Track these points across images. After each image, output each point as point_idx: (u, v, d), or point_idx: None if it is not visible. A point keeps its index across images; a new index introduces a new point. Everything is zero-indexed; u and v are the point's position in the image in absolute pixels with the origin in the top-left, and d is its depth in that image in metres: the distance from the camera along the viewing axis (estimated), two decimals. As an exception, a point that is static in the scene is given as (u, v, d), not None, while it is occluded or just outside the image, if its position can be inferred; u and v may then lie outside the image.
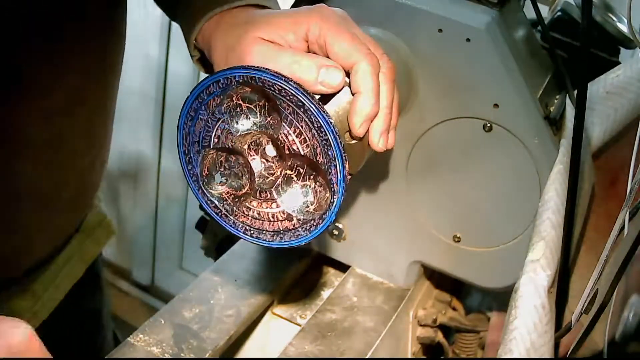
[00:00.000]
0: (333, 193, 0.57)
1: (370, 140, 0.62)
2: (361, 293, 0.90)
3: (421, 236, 0.85)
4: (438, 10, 0.73)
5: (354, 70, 0.60)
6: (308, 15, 0.62)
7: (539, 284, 0.66)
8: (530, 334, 0.65)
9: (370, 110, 0.60)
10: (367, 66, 0.59)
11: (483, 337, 0.92)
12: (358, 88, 0.59)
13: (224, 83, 0.57)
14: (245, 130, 0.59)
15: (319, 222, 0.58)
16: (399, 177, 0.83)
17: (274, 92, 0.56)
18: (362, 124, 0.60)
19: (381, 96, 0.61)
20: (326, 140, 0.55)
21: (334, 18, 0.61)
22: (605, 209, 0.87)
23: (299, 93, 0.55)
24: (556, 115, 0.77)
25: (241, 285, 0.87)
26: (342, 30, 0.61)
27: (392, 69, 0.63)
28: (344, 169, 0.56)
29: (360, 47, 0.60)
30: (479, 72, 0.74)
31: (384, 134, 0.62)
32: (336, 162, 0.56)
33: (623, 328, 0.62)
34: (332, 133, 0.55)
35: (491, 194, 0.80)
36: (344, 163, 0.56)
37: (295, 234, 0.59)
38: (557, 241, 0.69)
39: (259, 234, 0.61)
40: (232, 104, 0.58)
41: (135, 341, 0.76)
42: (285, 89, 0.55)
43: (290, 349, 0.80)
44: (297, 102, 0.55)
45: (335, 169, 0.56)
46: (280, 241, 0.60)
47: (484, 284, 0.85)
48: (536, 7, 0.80)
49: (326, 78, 0.59)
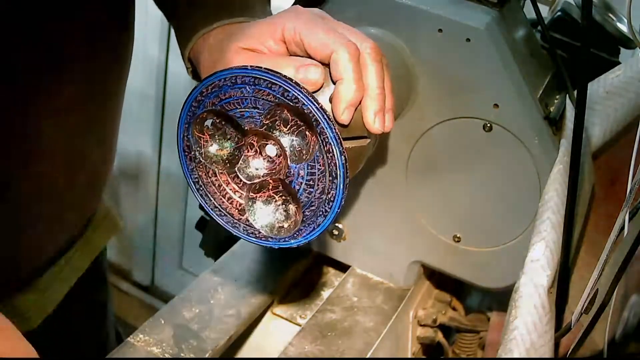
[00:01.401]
0: (333, 194, 0.57)
1: (365, 121, 0.61)
2: (361, 293, 0.90)
3: (421, 236, 0.85)
4: (438, 10, 0.73)
5: (332, 60, 0.59)
6: (282, 16, 0.62)
7: (539, 284, 0.66)
8: (530, 334, 0.65)
9: (352, 96, 0.59)
10: (344, 54, 0.58)
11: (483, 337, 0.92)
12: (339, 76, 0.59)
13: (224, 83, 0.57)
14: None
15: (318, 223, 0.58)
16: (399, 177, 0.83)
17: (276, 93, 0.56)
18: (345, 110, 0.59)
19: (370, 77, 0.60)
20: (325, 139, 0.55)
21: (307, 15, 0.62)
22: (605, 209, 0.87)
23: (296, 90, 0.55)
24: (556, 115, 0.77)
25: (241, 285, 0.87)
26: (316, 24, 0.61)
27: (376, 49, 0.61)
28: (344, 168, 0.56)
29: (335, 37, 0.59)
30: (479, 72, 0.74)
31: (379, 114, 0.61)
32: (336, 162, 0.56)
33: (623, 328, 0.62)
34: (332, 134, 0.55)
35: (491, 194, 0.80)
36: (344, 163, 0.56)
37: (295, 234, 0.59)
38: (557, 241, 0.69)
39: (258, 234, 0.61)
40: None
41: (135, 341, 0.76)
42: (286, 88, 0.55)
43: (290, 349, 0.80)
44: (293, 99, 0.55)
45: (335, 167, 0.56)
46: (280, 241, 0.60)
47: (484, 284, 0.85)
48: (536, 7, 0.80)
49: (305, 75, 0.58)
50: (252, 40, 0.63)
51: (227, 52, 0.64)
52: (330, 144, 0.56)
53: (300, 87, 0.55)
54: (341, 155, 0.56)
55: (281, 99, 0.56)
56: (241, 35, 0.64)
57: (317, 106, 0.55)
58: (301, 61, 0.60)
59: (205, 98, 0.58)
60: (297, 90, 0.55)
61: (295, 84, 0.55)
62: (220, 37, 0.69)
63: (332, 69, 0.59)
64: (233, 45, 0.64)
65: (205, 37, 0.71)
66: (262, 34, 0.62)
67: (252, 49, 0.63)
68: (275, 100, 0.56)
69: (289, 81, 0.55)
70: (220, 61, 0.65)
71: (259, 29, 0.63)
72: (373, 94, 0.60)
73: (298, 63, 0.59)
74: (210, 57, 0.68)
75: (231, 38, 0.65)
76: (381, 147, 0.82)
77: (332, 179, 0.57)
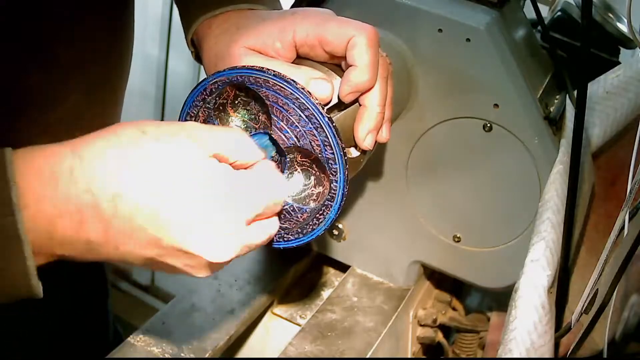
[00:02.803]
0: (333, 194, 0.57)
1: (356, 136, 0.61)
2: (361, 293, 0.90)
3: (421, 236, 0.85)
4: (438, 10, 0.73)
5: (350, 44, 0.58)
6: (290, 20, 0.61)
7: (539, 284, 0.66)
8: (530, 334, 0.65)
9: (362, 84, 0.59)
10: (363, 38, 0.58)
11: (483, 337, 0.92)
12: (353, 62, 0.58)
13: (223, 83, 0.57)
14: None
15: (318, 223, 0.58)
16: (399, 177, 0.83)
17: (275, 93, 0.56)
18: (349, 93, 0.59)
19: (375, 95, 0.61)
20: (326, 139, 0.55)
21: (315, 14, 0.61)
22: (605, 209, 0.87)
23: (302, 95, 0.55)
24: (556, 115, 0.77)
25: (241, 285, 0.87)
26: (327, 19, 0.60)
27: (385, 65, 0.62)
28: (344, 169, 0.56)
29: (352, 24, 0.59)
30: (479, 72, 0.74)
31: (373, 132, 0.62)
32: (336, 163, 0.56)
33: (623, 328, 0.62)
34: (332, 135, 0.55)
35: (491, 194, 0.80)
36: (344, 164, 0.56)
37: (295, 235, 0.59)
38: (557, 241, 0.69)
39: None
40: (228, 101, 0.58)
41: (135, 341, 0.76)
42: (287, 89, 0.55)
43: (290, 349, 0.80)
44: (300, 105, 0.55)
45: (335, 167, 0.56)
46: (280, 241, 0.60)
47: (484, 284, 0.85)
48: (536, 7, 0.80)
49: (315, 90, 0.58)
50: (260, 41, 0.62)
51: (232, 49, 0.62)
52: (331, 144, 0.56)
53: (298, 85, 0.55)
54: (341, 155, 0.56)
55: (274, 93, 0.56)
56: (248, 33, 0.62)
57: (313, 102, 0.55)
58: (312, 73, 0.59)
59: (208, 96, 0.58)
60: (297, 91, 0.55)
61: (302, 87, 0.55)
62: (224, 27, 0.66)
63: (347, 53, 0.59)
64: (240, 43, 0.62)
65: (209, 23, 0.68)
66: (271, 34, 0.61)
67: (260, 50, 0.62)
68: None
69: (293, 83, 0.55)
70: (225, 57, 0.63)
71: (268, 29, 0.62)
72: (373, 113, 0.61)
73: (310, 74, 0.59)
74: (214, 48, 0.66)
75: (238, 32, 0.63)
76: (381, 147, 0.82)
77: (332, 179, 0.57)
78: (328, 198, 0.57)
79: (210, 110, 0.58)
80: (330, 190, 0.57)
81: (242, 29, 0.64)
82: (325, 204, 0.58)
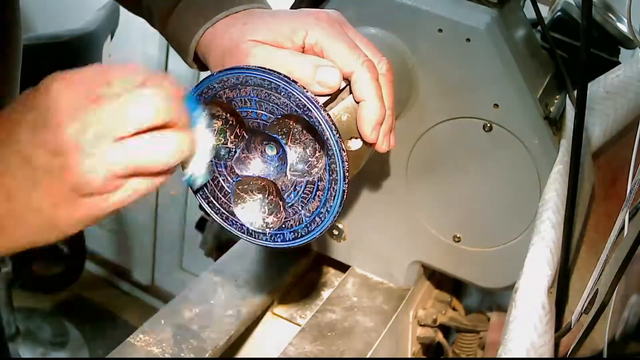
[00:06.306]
0: (333, 194, 0.57)
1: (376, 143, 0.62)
2: (361, 293, 0.90)
3: (421, 236, 0.85)
4: (438, 10, 0.73)
5: (353, 79, 0.60)
6: (304, 22, 0.61)
7: (539, 284, 0.66)
8: (530, 334, 0.65)
9: (379, 116, 0.60)
10: (366, 74, 0.60)
11: (483, 337, 0.92)
12: (362, 97, 0.60)
13: (223, 83, 0.57)
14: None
15: (317, 223, 0.58)
16: (399, 177, 0.83)
17: (278, 94, 0.56)
18: (373, 130, 0.60)
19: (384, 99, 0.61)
20: (326, 140, 0.55)
21: (327, 22, 0.61)
22: (605, 209, 0.87)
23: (302, 94, 0.55)
24: (556, 115, 0.77)
25: (241, 285, 0.87)
26: (338, 36, 0.61)
27: (391, 70, 0.63)
28: (344, 169, 0.56)
29: (357, 54, 0.60)
30: (479, 72, 0.74)
31: (387, 135, 0.63)
32: (336, 165, 0.56)
33: (623, 328, 0.62)
34: (333, 136, 0.55)
35: (491, 194, 0.80)
36: (344, 166, 0.56)
37: (294, 235, 0.59)
38: (557, 241, 0.69)
39: (258, 235, 0.61)
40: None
41: (135, 341, 0.76)
42: (289, 90, 0.55)
43: (290, 349, 0.80)
44: (301, 104, 0.55)
45: (335, 169, 0.56)
46: (279, 242, 0.60)
47: (484, 284, 0.86)
48: (536, 7, 0.80)
49: (324, 77, 0.59)
50: (269, 35, 0.62)
51: (241, 43, 0.62)
52: (331, 144, 0.56)
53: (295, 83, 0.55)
54: (342, 156, 0.56)
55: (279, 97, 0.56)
56: (258, 28, 0.62)
57: (316, 105, 0.55)
58: (320, 61, 0.60)
59: (211, 90, 0.58)
60: (297, 90, 0.55)
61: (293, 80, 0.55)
62: (231, 23, 0.65)
63: (353, 88, 0.60)
64: (249, 37, 0.62)
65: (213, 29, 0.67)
66: (282, 34, 0.61)
67: (269, 44, 0.62)
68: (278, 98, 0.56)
69: (287, 78, 0.55)
70: (233, 52, 0.63)
71: (278, 26, 0.62)
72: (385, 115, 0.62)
73: (318, 62, 0.59)
74: (221, 45, 0.65)
75: (246, 28, 0.63)
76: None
77: (332, 179, 0.57)
78: (328, 197, 0.57)
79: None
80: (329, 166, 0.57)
81: (252, 22, 0.64)
82: (325, 204, 0.58)
